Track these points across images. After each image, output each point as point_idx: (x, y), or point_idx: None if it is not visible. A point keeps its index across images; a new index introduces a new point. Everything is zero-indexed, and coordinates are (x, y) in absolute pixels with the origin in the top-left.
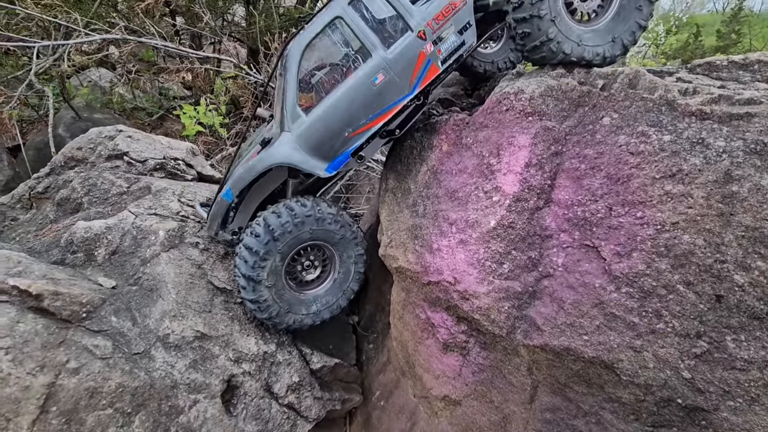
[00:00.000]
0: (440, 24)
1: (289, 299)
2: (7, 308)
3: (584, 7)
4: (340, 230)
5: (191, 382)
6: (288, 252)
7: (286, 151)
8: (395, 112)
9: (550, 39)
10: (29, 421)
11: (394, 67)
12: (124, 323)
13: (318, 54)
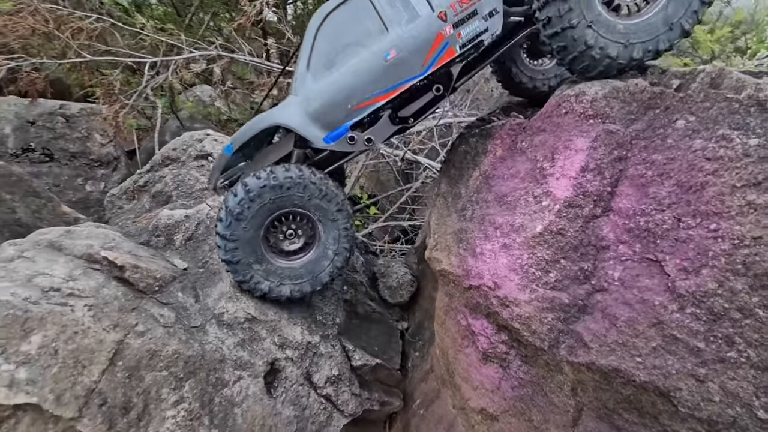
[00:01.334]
0: (464, 7)
1: (267, 266)
2: (96, 275)
3: (628, 0)
4: (323, 200)
5: (238, 359)
6: (265, 216)
7: (287, 113)
8: (402, 91)
9: (590, 46)
10: (100, 371)
11: (409, 46)
12: (187, 299)
13: (339, 24)
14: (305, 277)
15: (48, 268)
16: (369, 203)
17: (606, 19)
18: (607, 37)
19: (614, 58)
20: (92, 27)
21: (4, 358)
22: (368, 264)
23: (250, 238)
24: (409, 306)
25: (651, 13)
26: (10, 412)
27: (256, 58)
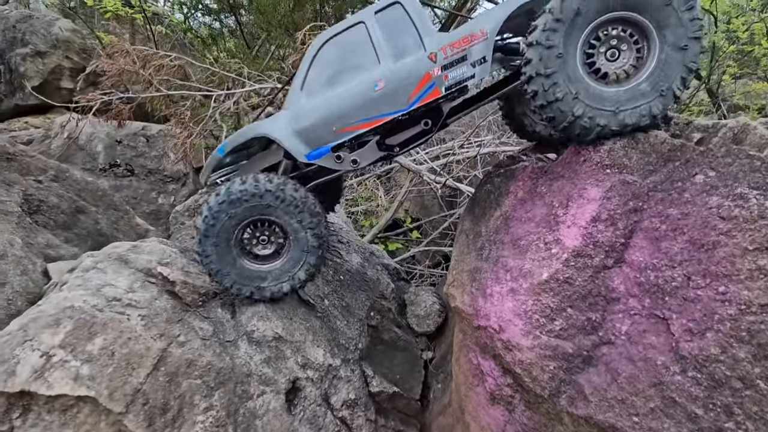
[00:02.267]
0: (454, 51)
1: (239, 268)
2: (152, 288)
3: (614, 68)
4: (282, 206)
5: (263, 375)
6: (231, 229)
7: (276, 126)
8: (386, 122)
9: (579, 116)
10: (145, 374)
11: (397, 80)
12: (225, 315)
13: (336, 50)
14: (284, 278)
15: (114, 280)
16: (412, 227)
17: (593, 88)
18: (595, 106)
19: (604, 126)
20: (172, 64)
21: (73, 355)
22: (399, 291)
23: (222, 250)
24: (436, 336)
25: (640, 80)
26: (73, 402)
27: None
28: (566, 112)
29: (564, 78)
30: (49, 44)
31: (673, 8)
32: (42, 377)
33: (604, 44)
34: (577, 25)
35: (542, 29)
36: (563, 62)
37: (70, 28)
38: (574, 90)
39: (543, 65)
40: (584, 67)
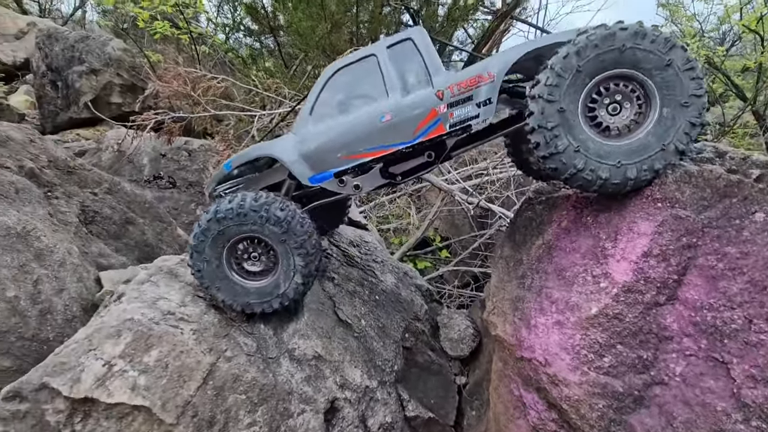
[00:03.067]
0: (461, 91)
1: (230, 283)
2: (200, 302)
3: (616, 122)
4: (267, 224)
5: (303, 393)
6: (221, 245)
7: (283, 147)
8: (390, 153)
9: (580, 169)
10: (195, 387)
11: (404, 114)
12: (267, 331)
13: (347, 80)
14: (273, 295)
15: (167, 293)
16: (441, 246)
17: (595, 141)
18: (596, 159)
19: (606, 179)
20: (218, 85)
21: (131, 366)
22: (432, 312)
23: (212, 266)
24: (470, 361)
25: (642, 134)
26: (129, 410)
27: None
28: (568, 165)
29: (565, 131)
30: (103, 62)
31: (674, 68)
32: (103, 385)
33: (606, 99)
34: (579, 81)
35: (545, 84)
36: (565, 116)
37: (122, 48)
38: (575, 143)
39: (545, 119)
40: (586, 120)
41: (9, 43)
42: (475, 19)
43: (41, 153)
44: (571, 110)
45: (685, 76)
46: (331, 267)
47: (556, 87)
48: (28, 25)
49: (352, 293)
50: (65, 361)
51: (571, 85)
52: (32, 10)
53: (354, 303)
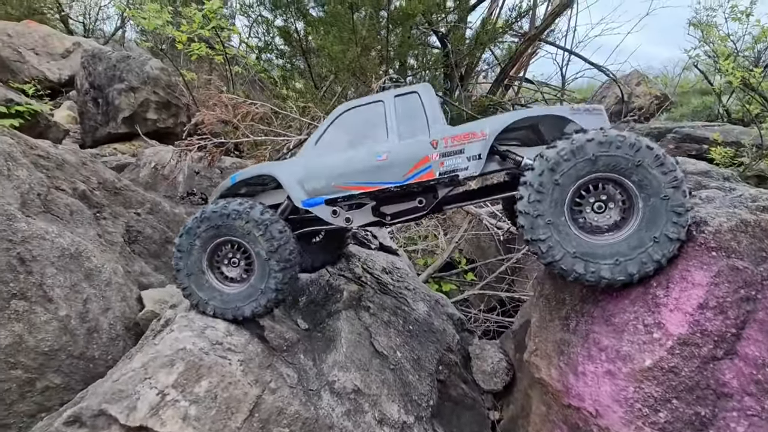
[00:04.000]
0: (454, 144)
1: (207, 286)
2: (244, 331)
3: (604, 221)
4: (252, 233)
5: (343, 428)
6: (208, 239)
7: (284, 170)
8: (380, 190)
9: (582, 274)
10: (242, 419)
11: (399, 156)
12: (307, 362)
13: (354, 119)
14: (246, 301)
15: (213, 322)
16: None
17: (588, 242)
18: (594, 260)
19: (610, 278)
20: (256, 111)
21: (183, 396)
22: (463, 342)
23: (192, 267)
24: (503, 395)
25: (632, 229)
26: None
27: None
28: (569, 270)
29: (556, 240)
30: (141, 81)
31: (645, 167)
32: (157, 414)
33: (590, 199)
34: (559, 192)
35: (528, 201)
36: (553, 226)
37: (159, 67)
38: (571, 249)
39: (535, 232)
40: (575, 224)
41: (56, 62)
42: (502, 41)
43: (92, 175)
44: (559, 219)
45: (658, 172)
46: (366, 295)
47: (538, 202)
48: (73, 45)
49: (387, 323)
50: (123, 389)
51: (552, 197)
52: (77, 30)
53: (389, 333)
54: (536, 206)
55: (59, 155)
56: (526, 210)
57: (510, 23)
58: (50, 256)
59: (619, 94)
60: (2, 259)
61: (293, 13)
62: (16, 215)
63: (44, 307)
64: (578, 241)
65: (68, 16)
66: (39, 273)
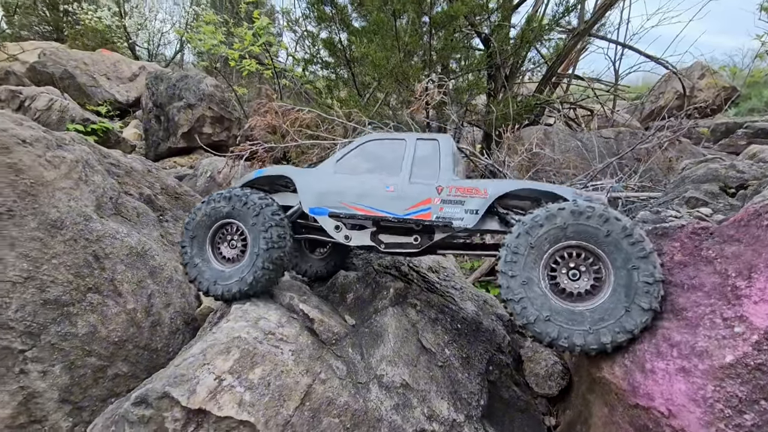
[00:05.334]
0: (456, 194)
1: (207, 265)
2: (295, 323)
3: (577, 288)
4: (244, 209)
5: (392, 422)
6: (212, 222)
7: (303, 175)
8: (379, 217)
9: (555, 338)
10: (293, 407)
11: (404, 192)
12: (355, 356)
13: (376, 150)
14: (235, 278)
15: (266, 314)
16: None
17: (561, 307)
18: (567, 326)
19: (583, 345)
20: (304, 117)
21: (238, 382)
22: (515, 344)
23: (197, 246)
24: (559, 400)
25: (605, 297)
26: (236, 425)
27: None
28: (542, 333)
29: (530, 302)
30: (197, 98)
31: (614, 238)
32: (214, 398)
33: (564, 267)
34: (534, 255)
35: (504, 261)
36: (528, 287)
37: (214, 84)
38: (545, 313)
39: (510, 293)
40: (551, 288)
41: (124, 85)
42: (549, 39)
43: (156, 181)
44: (534, 281)
45: (626, 243)
46: (412, 293)
47: (514, 263)
48: (139, 69)
49: (434, 320)
50: (184, 374)
51: (527, 260)
52: (142, 56)
53: (436, 330)
54: (512, 267)
55: (128, 163)
56: (503, 269)
57: (557, 19)
58: (120, 254)
59: (680, 88)
60: (80, 255)
61: (337, 25)
62: (92, 216)
63: (115, 301)
64: (553, 306)
65: (135, 44)
66: (111, 269)
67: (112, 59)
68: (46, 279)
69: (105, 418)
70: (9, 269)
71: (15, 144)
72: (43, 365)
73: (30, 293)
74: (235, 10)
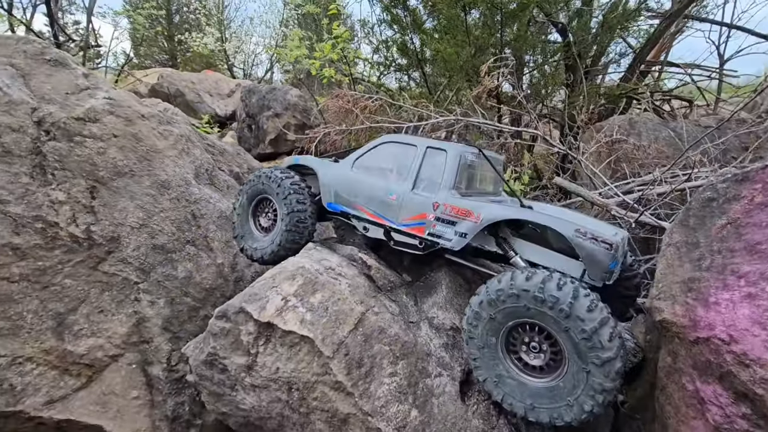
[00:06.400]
0: (450, 214)
1: (250, 234)
2: (353, 268)
3: (538, 362)
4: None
5: (440, 359)
6: (250, 198)
7: (328, 172)
8: (380, 223)
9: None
10: (348, 330)
11: (405, 202)
12: (408, 301)
13: (390, 151)
14: (267, 244)
15: (328, 257)
16: None
17: (523, 380)
18: (521, 400)
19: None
20: (373, 105)
21: (301, 303)
22: None
23: (242, 221)
24: (630, 378)
25: (562, 374)
26: (298, 340)
27: (488, 121)
28: (495, 395)
29: (484, 363)
30: (283, 107)
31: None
32: (281, 315)
33: (523, 340)
34: (495, 325)
35: (467, 321)
36: (488, 350)
37: (297, 95)
38: (494, 378)
39: (469, 351)
40: (510, 357)
41: (223, 101)
42: (637, 23)
43: (244, 162)
44: (491, 350)
45: (567, 323)
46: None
47: (475, 327)
48: (236, 86)
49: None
50: (257, 293)
51: (486, 328)
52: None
53: None
54: (472, 330)
55: (221, 146)
56: (465, 328)
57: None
58: (212, 215)
59: None
60: (182, 212)
61: (409, 26)
62: (192, 182)
63: (207, 254)
64: (512, 376)
65: (233, 65)
66: (204, 227)
67: (214, 78)
68: (155, 228)
69: (196, 341)
70: (129, 216)
71: (137, 117)
72: (151, 296)
73: (143, 237)
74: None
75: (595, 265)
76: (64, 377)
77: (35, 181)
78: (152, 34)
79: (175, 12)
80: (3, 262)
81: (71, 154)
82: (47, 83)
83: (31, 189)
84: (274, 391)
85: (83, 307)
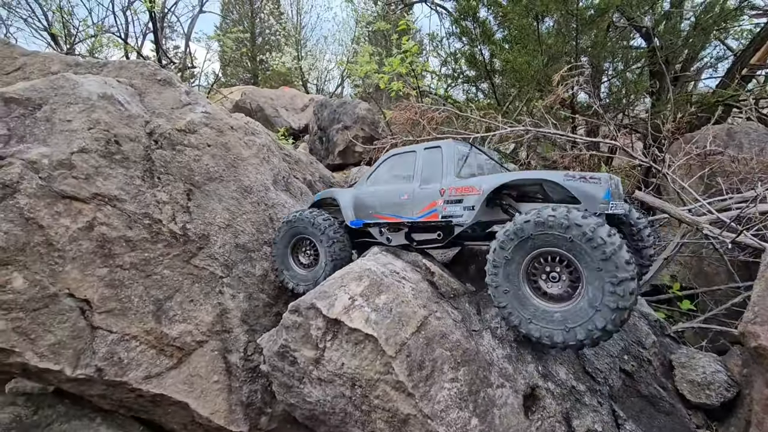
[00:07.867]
0: (456, 194)
1: (292, 270)
2: (417, 273)
3: (557, 290)
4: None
5: (503, 369)
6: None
7: (345, 196)
8: (399, 222)
9: (538, 337)
10: (411, 332)
11: (416, 198)
12: (471, 309)
13: (395, 163)
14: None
15: (392, 262)
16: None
17: (543, 308)
18: (547, 326)
19: (564, 342)
20: (440, 116)
21: (367, 303)
22: (663, 348)
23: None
24: (721, 415)
25: (580, 298)
26: (362, 337)
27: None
28: (528, 335)
29: (514, 306)
30: (353, 120)
31: (577, 242)
32: (347, 313)
33: (543, 271)
34: (513, 265)
35: (488, 273)
36: (511, 295)
37: (366, 108)
38: (527, 315)
39: (497, 300)
40: (534, 292)
41: (297, 114)
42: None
43: (316, 171)
44: (515, 289)
45: (588, 247)
46: None
47: (495, 275)
48: (309, 101)
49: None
50: (326, 291)
51: (506, 269)
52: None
53: None
54: (494, 279)
55: (296, 155)
56: (488, 282)
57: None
58: None
59: None
60: (261, 215)
61: (479, 37)
62: (270, 188)
63: None
64: (535, 308)
65: (307, 81)
66: None
67: (290, 94)
68: (238, 228)
69: (270, 333)
70: (217, 217)
71: (227, 129)
72: (233, 290)
73: (228, 236)
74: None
75: (590, 198)
76: (160, 356)
77: (145, 183)
78: (238, 56)
79: (258, 34)
80: (118, 252)
81: (173, 160)
82: (157, 99)
83: (142, 190)
84: (339, 386)
85: (177, 296)
